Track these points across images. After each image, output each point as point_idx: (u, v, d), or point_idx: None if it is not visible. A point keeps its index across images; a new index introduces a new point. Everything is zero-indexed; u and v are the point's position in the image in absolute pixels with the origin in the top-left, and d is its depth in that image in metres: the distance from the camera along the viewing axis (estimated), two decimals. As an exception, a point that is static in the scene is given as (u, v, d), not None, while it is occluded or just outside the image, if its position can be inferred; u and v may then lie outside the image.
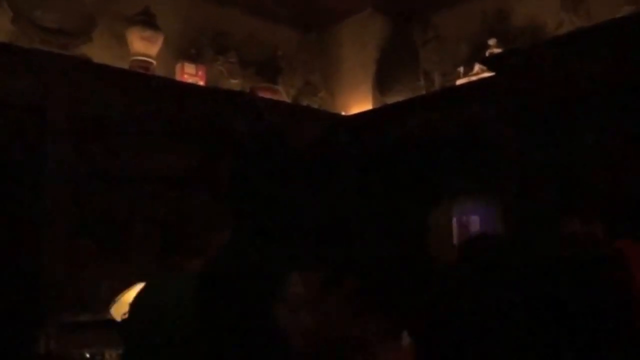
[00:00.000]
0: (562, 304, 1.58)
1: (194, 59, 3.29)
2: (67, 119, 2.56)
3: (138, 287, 2.65)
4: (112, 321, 2.55)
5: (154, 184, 2.79)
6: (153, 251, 2.72)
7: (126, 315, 2.57)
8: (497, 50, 3.04)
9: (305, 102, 3.69)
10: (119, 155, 2.74)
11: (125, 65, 2.93)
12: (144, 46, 2.99)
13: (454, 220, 3.65)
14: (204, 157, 3.01)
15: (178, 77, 3.16)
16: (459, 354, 1.59)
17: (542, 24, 3.08)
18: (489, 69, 2.73)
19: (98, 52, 2.84)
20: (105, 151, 2.71)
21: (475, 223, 3.64)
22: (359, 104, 3.73)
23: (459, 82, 3.19)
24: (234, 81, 3.43)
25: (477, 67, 3.12)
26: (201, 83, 3.22)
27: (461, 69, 3.22)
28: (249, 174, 3.12)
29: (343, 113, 3.75)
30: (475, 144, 3.08)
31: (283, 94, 3.60)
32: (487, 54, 3.08)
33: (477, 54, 3.18)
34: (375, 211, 3.41)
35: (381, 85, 3.68)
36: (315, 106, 3.70)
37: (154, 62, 3.02)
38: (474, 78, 3.09)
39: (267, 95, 3.43)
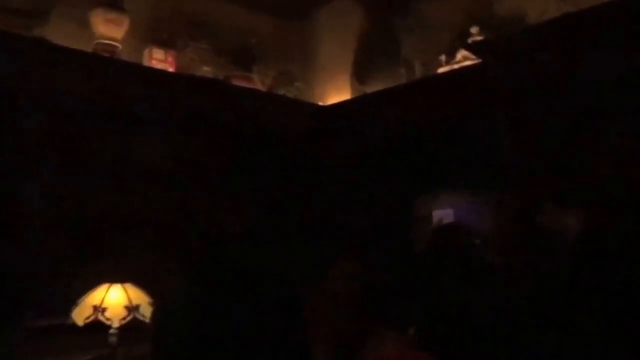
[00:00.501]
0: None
1: (163, 44, 3.11)
2: (42, 109, 2.37)
3: (102, 288, 2.48)
4: (76, 326, 2.37)
5: (135, 177, 2.64)
6: (137, 250, 2.58)
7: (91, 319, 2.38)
8: (479, 39, 2.92)
9: (281, 92, 3.53)
10: (98, 147, 2.56)
11: (87, 48, 2.74)
12: (109, 29, 2.80)
13: (434, 213, 3.54)
14: (189, 149, 2.87)
15: (145, 63, 2.98)
16: (453, 342, 1.63)
17: (526, 11, 2.97)
18: (475, 55, 2.61)
19: (57, 33, 2.64)
20: (82, 144, 2.52)
21: (449, 216, 3.53)
22: (337, 94, 3.59)
23: (441, 70, 3.06)
24: (206, 68, 3.25)
25: (459, 55, 2.99)
26: (171, 70, 3.04)
27: (443, 58, 3.09)
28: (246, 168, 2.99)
29: (320, 103, 3.60)
30: (458, 134, 2.96)
31: (258, 83, 3.43)
32: (469, 42, 2.95)
33: (459, 43, 3.05)
34: (357, 204, 3.29)
35: (360, 74, 3.55)
36: (291, 96, 3.54)
37: (119, 45, 2.84)
38: (456, 66, 2.97)
39: (241, 84, 3.26)
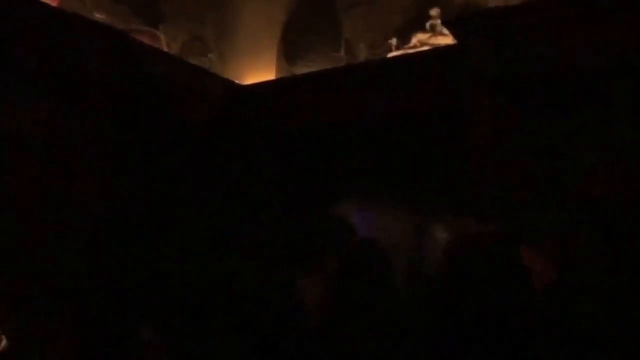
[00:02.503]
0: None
1: (44, -28, 2.39)
2: None
3: None
4: None
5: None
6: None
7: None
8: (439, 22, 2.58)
9: (191, 61, 2.95)
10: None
11: None
12: None
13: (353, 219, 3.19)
14: (63, 114, 2.27)
15: (18, -9, 2.23)
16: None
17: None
18: (452, 33, 2.21)
19: None
20: None
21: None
22: (260, 73, 3.17)
23: (392, 55, 2.67)
24: (99, 16, 2.66)
25: (415, 39, 2.63)
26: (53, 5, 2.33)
27: (394, 41, 2.72)
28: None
29: (238, 81, 3.08)
30: (401, 131, 2.60)
31: (164, 45, 2.81)
32: (427, 26, 2.61)
33: (413, 26, 2.69)
34: (262, 204, 2.81)
35: (290, 53, 3.16)
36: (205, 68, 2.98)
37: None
38: (411, 52, 2.58)
39: (144, 40, 2.62)
